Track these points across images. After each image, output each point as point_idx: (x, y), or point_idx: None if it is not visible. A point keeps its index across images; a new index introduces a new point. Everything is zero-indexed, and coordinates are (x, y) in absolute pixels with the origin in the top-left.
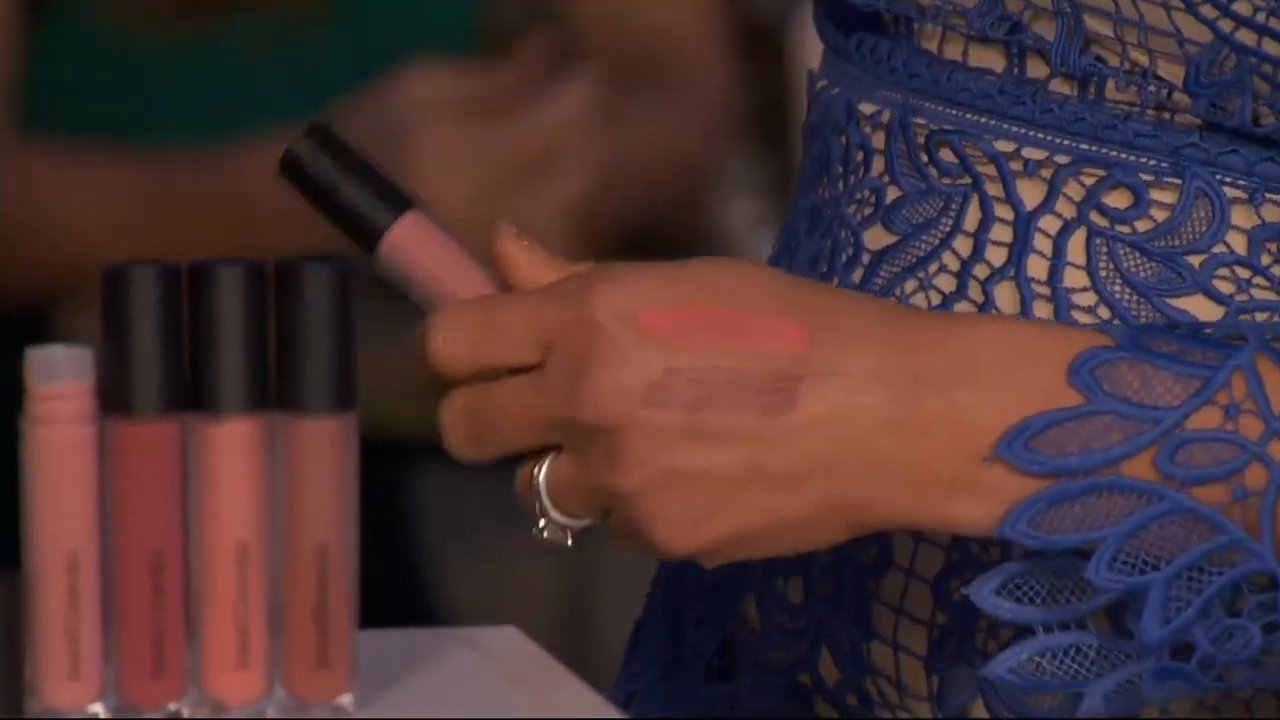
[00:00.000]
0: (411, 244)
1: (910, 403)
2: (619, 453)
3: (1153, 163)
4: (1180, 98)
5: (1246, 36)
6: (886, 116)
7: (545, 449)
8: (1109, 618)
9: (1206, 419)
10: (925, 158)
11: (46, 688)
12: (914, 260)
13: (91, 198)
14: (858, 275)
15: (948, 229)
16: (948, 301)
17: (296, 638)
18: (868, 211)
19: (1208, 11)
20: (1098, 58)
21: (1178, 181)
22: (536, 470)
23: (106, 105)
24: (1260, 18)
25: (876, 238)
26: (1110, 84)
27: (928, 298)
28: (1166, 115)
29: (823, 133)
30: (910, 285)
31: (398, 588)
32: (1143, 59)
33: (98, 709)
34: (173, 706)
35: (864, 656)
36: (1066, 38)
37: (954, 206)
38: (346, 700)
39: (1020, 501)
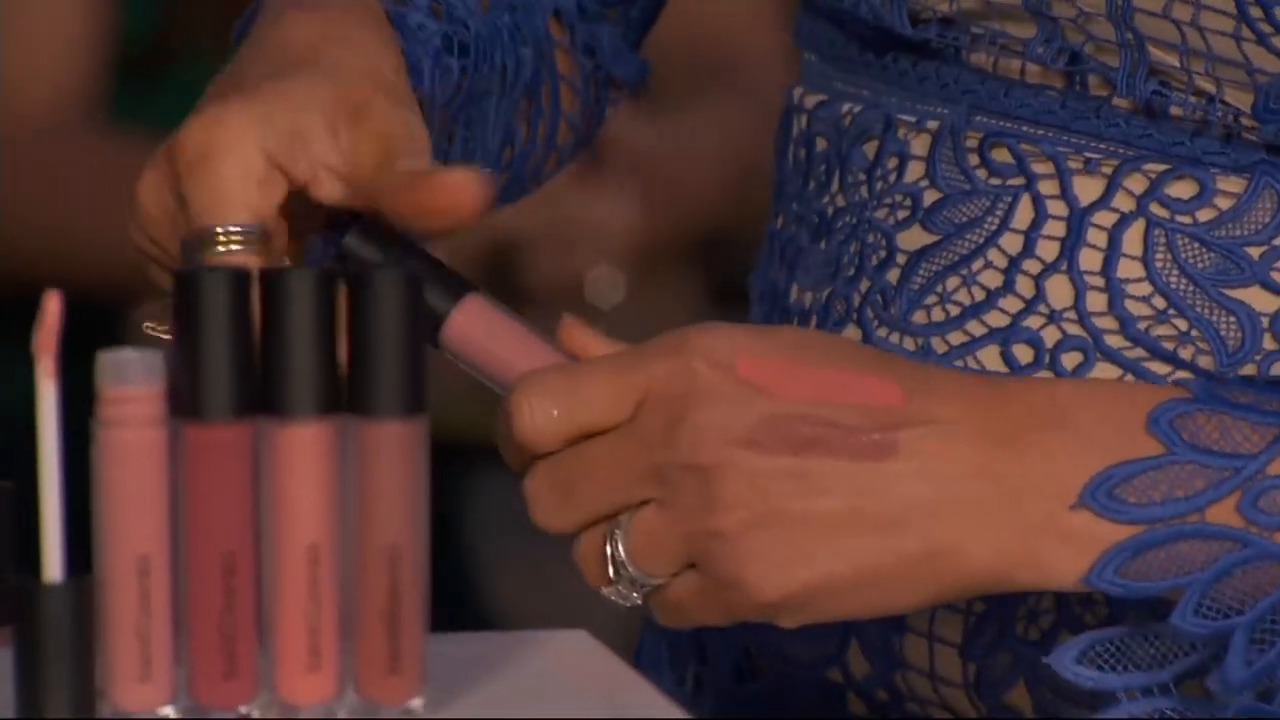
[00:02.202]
0: (474, 328)
1: (1001, 449)
2: (718, 493)
3: (1218, 172)
4: (1248, 121)
5: None
6: (933, 125)
7: (624, 510)
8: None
9: None
10: (976, 160)
11: (118, 690)
12: (957, 258)
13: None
14: (893, 275)
15: (994, 227)
16: (993, 296)
17: (367, 640)
18: (902, 215)
19: (1279, 43)
20: (1162, 83)
21: (1246, 176)
22: (612, 529)
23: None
24: None
25: (912, 239)
26: (1175, 106)
27: (971, 293)
28: (1234, 133)
29: (833, 143)
30: (953, 282)
31: (459, 591)
32: (1209, 86)
33: (169, 711)
34: (244, 709)
35: (896, 651)
36: (1130, 68)
37: (1001, 206)
38: (417, 703)
39: (1106, 551)
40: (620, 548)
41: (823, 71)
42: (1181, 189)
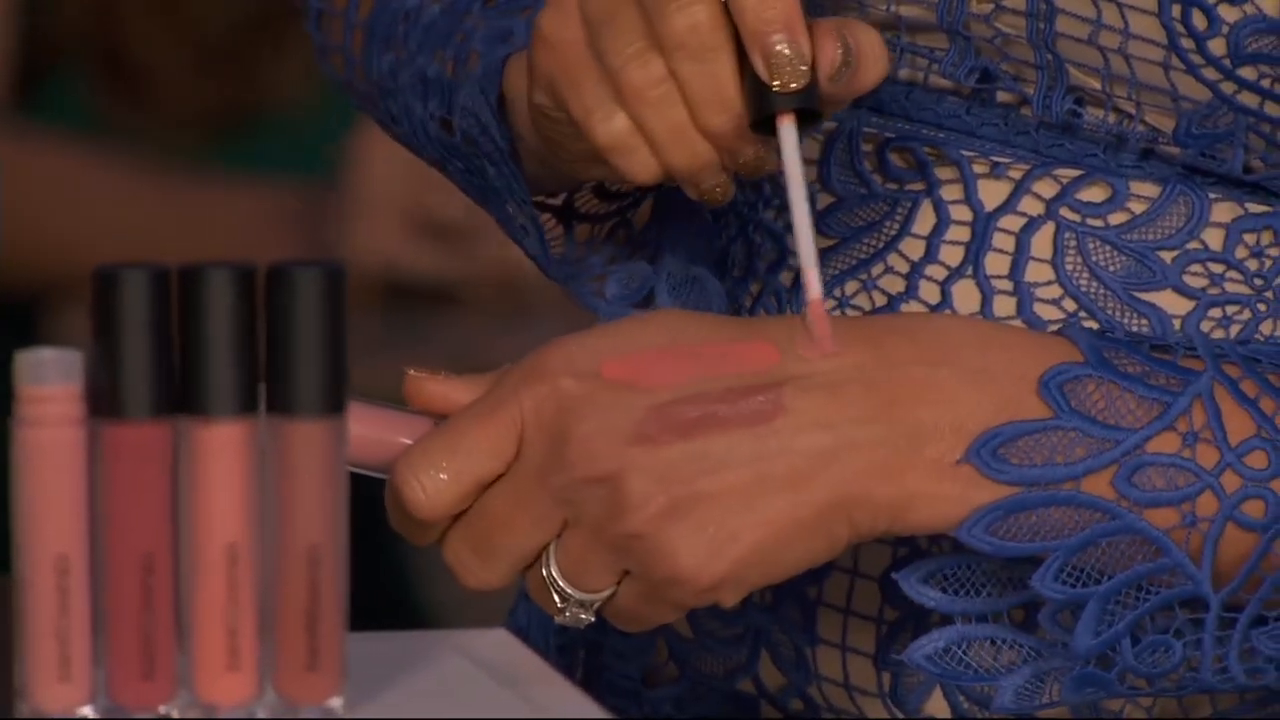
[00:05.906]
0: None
1: (887, 391)
2: (623, 497)
3: (1132, 178)
4: (1167, 143)
5: (1249, 99)
6: (829, 126)
7: (546, 543)
8: (1023, 613)
9: (1165, 444)
10: (872, 164)
11: (36, 690)
12: (855, 262)
13: (90, 195)
14: (786, 278)
15: (894, 232)
16: (894, 302)
17: (287, 640)
18: None
19: (1210, 74)
20: (1078, 100)
21: (1160, 183)
22: (544, 559)
23: None
24: (1265, 83)
25: None
26: (1090, 123)
27: (871, 298)
28: (1152, 151)
29: None
30: (851, 286)
31: (384, 589)
32: (1130, 108)
33: (88, 711)
34: (163, 709)
35: (809, 663)
36: (1047, 88)
37: (900, 211)
38: (337, 703)
39: (981, 508)
40: (556, 576)
41: None
42: (1093, 193)
